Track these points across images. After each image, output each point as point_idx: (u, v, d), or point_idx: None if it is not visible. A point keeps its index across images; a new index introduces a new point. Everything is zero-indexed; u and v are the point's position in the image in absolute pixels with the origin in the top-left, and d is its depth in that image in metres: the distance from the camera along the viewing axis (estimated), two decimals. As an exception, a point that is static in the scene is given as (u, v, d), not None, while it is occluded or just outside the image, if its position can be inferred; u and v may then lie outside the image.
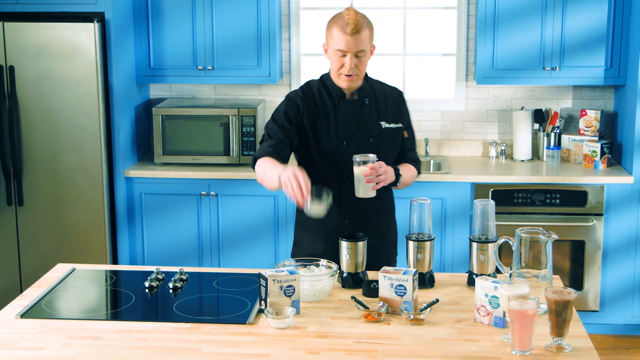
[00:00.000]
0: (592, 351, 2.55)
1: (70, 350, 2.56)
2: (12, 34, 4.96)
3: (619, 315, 5.14)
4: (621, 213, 5.02)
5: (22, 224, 5.15)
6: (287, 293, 2.81)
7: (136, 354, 2.53)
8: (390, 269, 2.89)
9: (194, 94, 5.75)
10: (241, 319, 2.80)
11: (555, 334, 2.57)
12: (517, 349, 2.53)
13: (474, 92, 5.58)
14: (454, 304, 2.95)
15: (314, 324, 2.76)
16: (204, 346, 2.59)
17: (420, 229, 3.12)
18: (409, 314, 2.77)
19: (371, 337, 2.66)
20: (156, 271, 3.18)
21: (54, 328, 2.73)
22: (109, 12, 4.98)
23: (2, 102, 5.02)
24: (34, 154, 5.07)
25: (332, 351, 2.55)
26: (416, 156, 3.48)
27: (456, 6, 5.55)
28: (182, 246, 5.27)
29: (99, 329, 2.73)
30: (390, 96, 3.42)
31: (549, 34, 5.16)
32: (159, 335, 2.67)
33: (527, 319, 2.50)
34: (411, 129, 3.48)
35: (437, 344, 2.61)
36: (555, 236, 2.83)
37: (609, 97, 5.51)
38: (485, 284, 2.74)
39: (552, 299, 2.54)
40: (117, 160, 5.14)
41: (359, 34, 3.15)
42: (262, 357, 2.51)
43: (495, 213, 3.10)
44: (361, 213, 3.34)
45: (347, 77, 3.23)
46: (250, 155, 5.27)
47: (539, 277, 2.83)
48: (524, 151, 5.44)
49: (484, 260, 3.06)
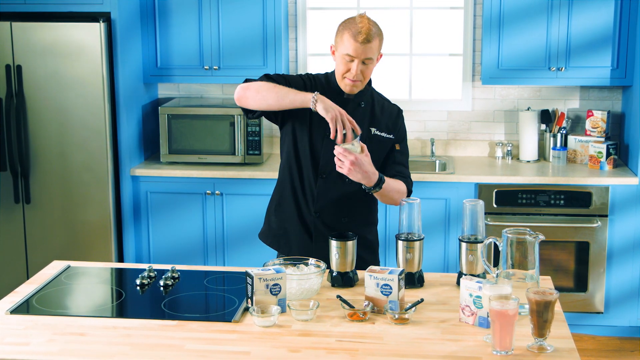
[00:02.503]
0: (574, 352, 2.54)
1: (55, 346, 2.59)
2: (20, 33, 5.02)
3: (624, 317, 5.11)
4: (626, 214, 4.99)
5: (29, 222, 5.20)
6: (273, 291, 2.83)
7: (119, 350, 2.56)
8: (376, 269, 2.89)
9: (201, 94, 5.78)
10: (227, 317, 2.82)
11: (536, 335, 2.56)
12: (498, 349, 2.53)
13: (480, 92, 5.58)
14: (442, 303, 2.95)
15: (299, 323, 2.77)
16: (186, 343, 2.61)
17: (409, 228, 3.13)
18: (394, 314, 2.77)
19: (354, 336, 2.67)
20: (148, 269, 3.21)
21: (41, 324, 2.76)
22: (115, 12, 5.02)
23: (9, 101, 5.08)
24: (40, 152, 5.13)
25: (313, 349, 2.56)
26: (407, 173, 3.41)
27: (463, 6, 5.54)
28: (187, 244, 5.31)
29: (85, 325, 2.76)
30: (388, 109, 3.43)
31: (555, 34, 5.14)
32: (144, 332, 2.70)
33: (507, 319, 2.50)
34: (404, 145, 3.45)
35: (419, 343, 2.61)
36: (542, 237, 2.82)
37: (617, 98, 5.48)
38: (470, 284, 2.74)
39: (533, 300, 2.54)
40: (122, 158, 5.18)
41: (369, 43, 3.16)
42: (243, 354, 2.53)
43: (485, 213, 3.10)
44: (333, 210, 3.35)
45: (352, 81, 3.25)
46: (255, 155, 5.29)
47: (526, 277, 2.83)
48: (530, 152, 5.42)
49: (473, 261, 3.06)
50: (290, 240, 3.42)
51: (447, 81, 5.68)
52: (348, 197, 3.35)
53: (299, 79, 3.36)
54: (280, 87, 3.20)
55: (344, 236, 3.13)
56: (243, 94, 3.24)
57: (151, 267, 3.23)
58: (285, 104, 3.17)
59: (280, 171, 3.46)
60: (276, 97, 3.18)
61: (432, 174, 5.10)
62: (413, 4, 5.62)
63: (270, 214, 3.51)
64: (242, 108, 3.32)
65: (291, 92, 3.18)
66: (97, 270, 3.34)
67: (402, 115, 3.47)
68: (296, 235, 3.39)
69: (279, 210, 3.46)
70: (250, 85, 3.25)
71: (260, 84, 3.23)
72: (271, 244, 3.52)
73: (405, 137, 3.47)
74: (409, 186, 3.38)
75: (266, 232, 3.54)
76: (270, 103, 3.20)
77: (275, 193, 3.49)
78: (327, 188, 3.33)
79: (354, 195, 3.34)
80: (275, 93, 3.18)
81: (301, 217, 3.39)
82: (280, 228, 3.46)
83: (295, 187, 3.38)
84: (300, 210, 3.38)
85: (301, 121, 3.32)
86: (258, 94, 3.21)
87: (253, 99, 3.23)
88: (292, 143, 3.36)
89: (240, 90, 3.26)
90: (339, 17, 5.54)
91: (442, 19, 5.64)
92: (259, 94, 3.21)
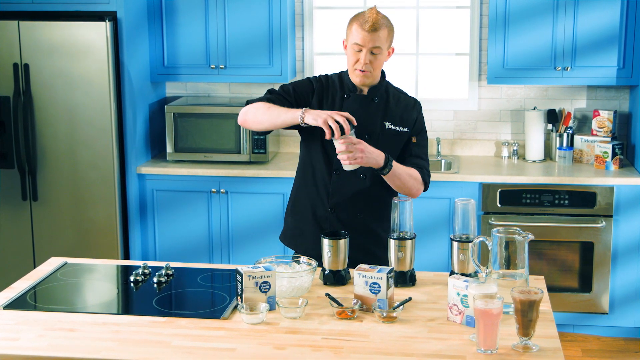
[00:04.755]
0: (559, 352, 2.54)
1: (43, 342, 2.62)
2: (27, 32, 5.06)
3: (629, 317, 5.08)
4: (631, 214, 4.97)
5: (36, 219, 5.26)
6: (262, 289, 2.84)
7: (106, 345, 2.59)
8: (365, 267, 2.90)
9: (209, 92, 5.81)
10: (217, 314, 2.84)
11: (521, 334, 2.56)
12: (482, 348, 2.53)
13: (487, 91, 5.57)
14: (432, 302, 2.96)
15: (287, 320, 2.79)
16: (174, 339, 2.63)
17: (402, 227, 3.13)
18: (382, 312, 2.78)
19: (341, 333, 2.68)
20: (143, 266, 3.24)
21: (32, 320, 2.79)
22: (121, 11, 5.06)
23: (17, 99, 5.13)
24: (47, 150, 5.17)
25: (299, 347, 2.58)
26: (423, 165, 3.40)
27: (469, 5, 5.53)
28: (193, 242, 5.34)
29: (76, 321, 2.79)
30: (404, 102, 3.44)
31: (561, 34, 5.13)
32: (133, 329, 2.72)
33: (491, 318, 2.50)
34: (422, 138, 3.45)
35: (404, 341, 2.62)
36: (531, 236, 2.82)
37: (624, 98, 5.45)
38: (457, 282, 2.75)
39: (517, 299, 2.54)
40: (129, 157, 5.22)
41: (376, 31, 3.21)
42: (228, 351, 2.55)
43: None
44: (347, 206, 3.37)
45: (361, 72, 3.27)
46: (261, 154, 5.32)
47: (515, 276, 2.83)
48: (536, 151, 5.40)
49: (464, 260, 3.06)
50: (306, 239, 3.43)
51: (454, 81, 5.67)
52: (362, 192, 3.36)
53: (307, 83, 3.41)
54: (273, 109, 3.26)
55: (336, 234, 3.14)
56: (243, 119, 3.36)
57: (146, 264, 3.26)
58: (279, 124, 3.27)
59: (297, 172, 3.52)
60: (270, 119, 3.27)
61: (436, 174, 5.09)
62: (419, 4, 5.62)
63: (287, 215, 3.55)
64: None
65: (282, 112, 3.24)
66: (94, 267, 3.37)
67: (420, 107, 3.47)
68: (312, 233, 3.40)
69: (295, 211, 3.49)
70: (249, 110, 3.33)
71: (257, 107, 3.30)
72: (289, 244, 3.55)
73: (424, 129, 3.47)
74: (424, 176, 3.36)
75: (284, 233, 3.57)
76: (267, 125, 3.30)
77: (291, 194, 3.54)
78: (342, 184, 3.35)
79: (369, 190, 3.36)
80: (269, 116, 3.26)
81: (316, 215, 3.41)
82: (296, 228, 3.49)
83: (309, 185, 3.41)
84: (314, 208, 3.41)
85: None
86: (255, 118, 3.31)
87: (252, 123, 3.34)
88: (306, 142, 3.42)
89: (241, 116, 3.37)
90: (345, 16, 5.57)
91: (448, 19, 5.63)
92: (255, 118, 3.31)
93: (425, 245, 4.92)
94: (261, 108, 3.29)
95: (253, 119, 3.31)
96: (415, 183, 3.32)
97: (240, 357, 2.51)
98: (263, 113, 3.28)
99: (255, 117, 3.30)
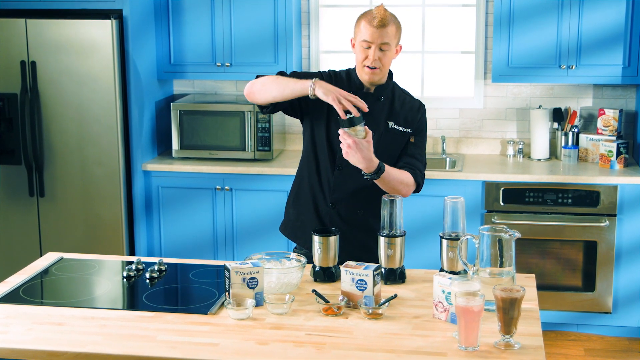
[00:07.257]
0: (540, 349, 2.54)
1: (31, 335, 2.65)
2: (34, 30, 5.12)
3: (633, 317, 5.06)
4: (635, 214, 4.94)
5: (43, 214, 5.31)
6: (250, 285, 2.87)
7: (91, 339, 2.62)
8: (352, 264, 2.92)
9: (215, 90, 5.85)
10: (204, 309, 2.87)
11: (503, 332, 2.57)
12: (464, 345, 2.54)
13: (492, 90, 5.56)
14: (419, 300, 2.97)
15: (273, 316, 2.81)
16: (159, 334, 2.66)
17: (392, 224, 3.14)
18: (367, 309, 2.80)
19: (325, 330, 2.70)
20: (136, 261, 3.27)
21: (22, 314, 2.83)
22: (127, 9, 5.10)
23: (24, 96, 5.19)
24: (54, 146, 5.23)
25: (281, 342, 2.60)
26: (418, 165, 3.40)
27: (475, 3, 5.52)
28: (197, 239, 5.37)
29: (65, 315, 2.82)
30: (409, 103, 3.46)
31: (566, 32, 5.11)
32: (121, 323, 2.75)
33: (472, 315, 2.51)
34: (420, 139, 3.45)
35: (388, 338, 2.63)
36: (518, 234, 2.82)
37: (631, 97, 5.42)
38: (442, 280, 2.76)
39: (499, 297, 2.54)
40: (134, 153, 5.26)
41: (385, 27, 3.23)
42: (211, 346, 2.57)
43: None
44: (348, 201, 3.39)
45: (370, 69, 3.29)
46: (265, 151, 5.34)
47: (502, 274, 2.83)
48: (541, 150, 5.39)
49: (453, 258, 3.06)
50: (307, 232, 3.45)
51: (459, 79, 5.67)
52: (364, 189, 3.37)
53: (316, 75, 3.41)
54: (282, 79, 3.29)
55: (326, 231, 3.16)
56: (250, 89, 3.35)
57: (139, 259, 3.30)
58: (287, 94, 3.26)
59: (300, 164, 3.53)
60: (278, 88, 3.27)
61: (439, 172, 5.10)
62: (425, 2, 5.62)
63: (289, 206, 3.57)
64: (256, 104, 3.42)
65: (291, 81, 3.26)
66: (89, 262, 3.41)
67: (424, 110, 3.49)
68: (312, 226, 3.42)
69: (297, 203, 3.52)
70: (257, 80, 3.35)
71: (266, 78, 3.33)
72: (289, 236, 3.57)
73: (424, 131, 3.48)
74: (416, 178, 3.35)
75: (285, 224, 3.60)
76: (275, 95, 3.29)
77: (294, 186, 3.56)
78: (344, 180, 3.37)
79: (370, 187, 3.35)
80: (277, 84, 3.27)
81: (317, 209, 3.43)
82: (297, 220, 3.52)
83: (312, 179, 3.43)
84: (316, 202, 3.43)
85: (319, 114, 3.38)
86: (263, 87, 3.31)
87: (259, 93, 3.33)
88: (310, 136, 3.43)
89: (248, 86, 3.36)
90: (351, 14, 5.59)
91: (454, 17, 5.63)
92: (263, 87, 3.31)
93: (428, 244, 4.92)
94: (270, 78, 3.31)
95: (260, 88, 3.31)
96: (406, 187, 3.31)
97: (223, 352, 2.53)
98: (271, 82, 3.29)
99: (262, 86, 3.30)
